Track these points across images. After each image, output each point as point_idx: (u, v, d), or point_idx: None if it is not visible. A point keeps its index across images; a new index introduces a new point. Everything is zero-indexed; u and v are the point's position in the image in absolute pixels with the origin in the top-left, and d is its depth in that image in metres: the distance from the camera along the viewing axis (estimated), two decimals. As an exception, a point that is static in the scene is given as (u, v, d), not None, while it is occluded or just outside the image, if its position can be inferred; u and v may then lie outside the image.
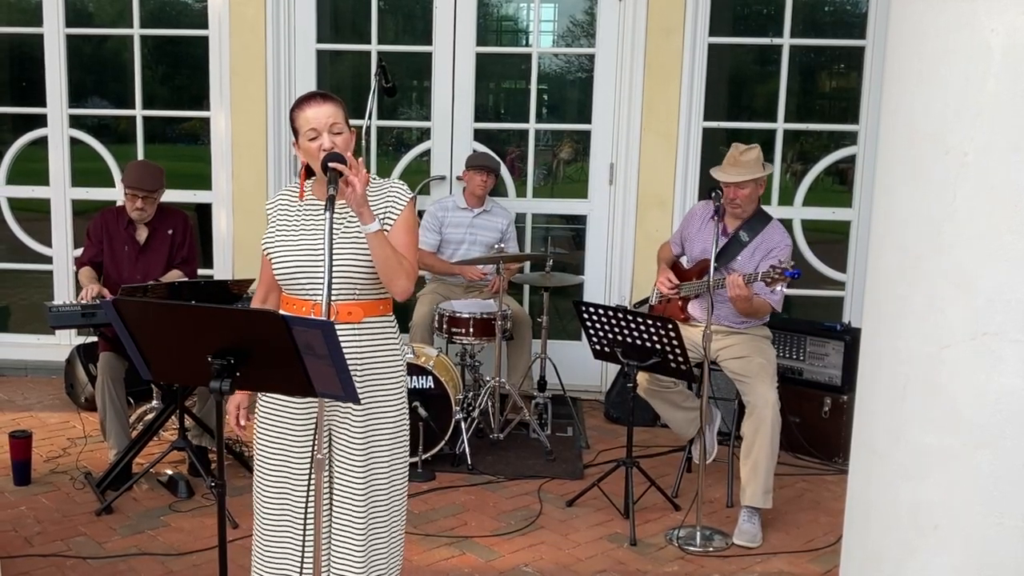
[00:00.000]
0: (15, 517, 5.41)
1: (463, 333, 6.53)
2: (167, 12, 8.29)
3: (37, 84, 7.86)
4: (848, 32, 7.67)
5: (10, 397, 7.53)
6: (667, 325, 5.08)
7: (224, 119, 7.70)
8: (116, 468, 5.70)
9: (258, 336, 3.11)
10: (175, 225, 6.22)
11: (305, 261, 3.60)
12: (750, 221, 5.62)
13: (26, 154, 8.06)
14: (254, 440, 3.79)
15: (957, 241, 2.77)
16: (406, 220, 3.68)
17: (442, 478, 6.06)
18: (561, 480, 6.12)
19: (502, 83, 8.64)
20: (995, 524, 2.80)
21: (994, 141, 2.69)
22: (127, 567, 4.88)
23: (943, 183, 2.78)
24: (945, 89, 2.77)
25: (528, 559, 5.09)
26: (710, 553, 5.23)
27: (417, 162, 7.96)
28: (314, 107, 3.59)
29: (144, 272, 6.05)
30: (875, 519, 3.09)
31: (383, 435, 3.71)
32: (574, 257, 8.10)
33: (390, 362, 3.73)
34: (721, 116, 7.75)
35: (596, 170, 7.75)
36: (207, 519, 5.42)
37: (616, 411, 7.28)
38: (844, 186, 7.79)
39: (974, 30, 2.70)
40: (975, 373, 2.77)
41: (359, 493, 3.67)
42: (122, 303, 3.24)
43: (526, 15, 8.33)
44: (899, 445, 2.96)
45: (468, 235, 7.12)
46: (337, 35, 8.16)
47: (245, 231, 7.71)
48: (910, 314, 2.91)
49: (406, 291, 3.62)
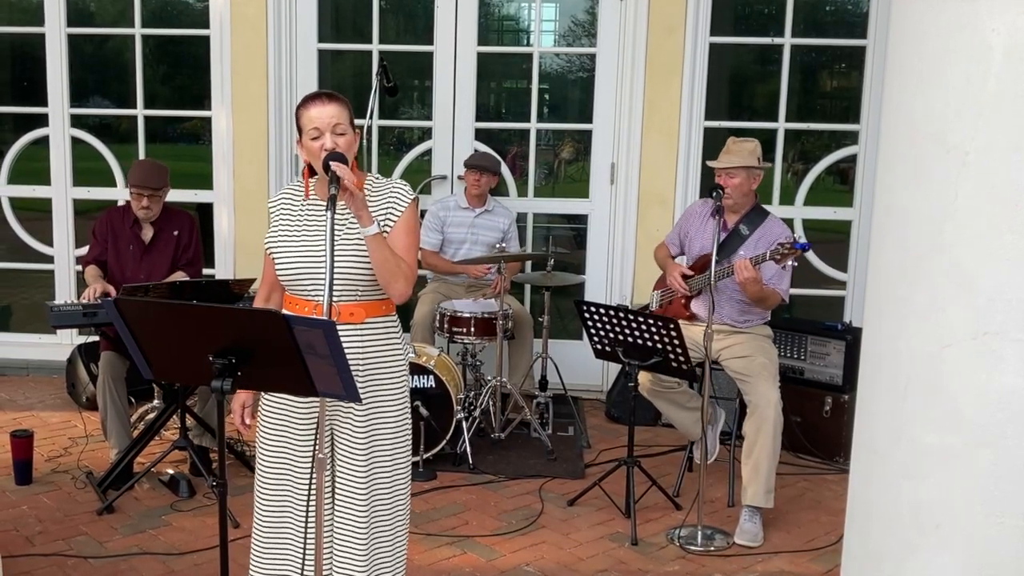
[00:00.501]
0: (16, 516, 5.42)
1: (464, 332, 6.53)
2: (168, 12, 8.31)
3: (38, 84, 7.87)
4: (849, 32, 7.68)
5: (11, 396, 7.53)
6: (668, 325, 5.08)
7: (225, 118, 7.71)
8: (117, 467, 5.70)
9: (259, 335, 3.11)
10: (181, 227, 6.21)
11: (307, 261, 3.60)
12: (749, 215, 5.63)
13: (27, 153, 8.07)
14: (256, 439, 3.79)
15: (958, 240, 2.77)
16: (407, 222, 3.67)
17: (443, 477, 6.07)
18: (562, 479, 6.12)
19: (503, 83, 8.65)
20: (996, 523, 2.80)
21: (995, 141, 2.69)
22: (128, 566, 4.88)
23: (944, 183, 2.78)
24: (946, 89, 2.77)
25: (529, 558, 5.09)
26: (711, 552, 5.23)
27: (418, 162, 7.96)
28: (318, 106, 3.59)
29: (148, 272, 6.04)
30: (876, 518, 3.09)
31: (385, 435, 3.71)
32: (575, 256, 8.10)
33: (393, 362, 3.73)
34: (722, 115, 7.76)
35: (597, 169, 7.75)
36: (208, 518, 5.42)
37: (617, 410, 7.27)
38: (845, 186, 7.79)
39: (975, 30, 2.70)
40: (976, 372, 2.77)
41: (361, 493, 3.67)
42: (123, 302, 3.24)
43: (527, 15, 8.33)
44: (900, 444, 2.96)
45: (470, 235, 7.12)
46: (338, 34, 8.17)
47: (246, 230, 7.71)
48: (911, 313, 2.91)
49: (404, 294, 3.62)
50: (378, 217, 3.59)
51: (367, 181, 3.71)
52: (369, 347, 3.65)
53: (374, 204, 3.63)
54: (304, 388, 3.18)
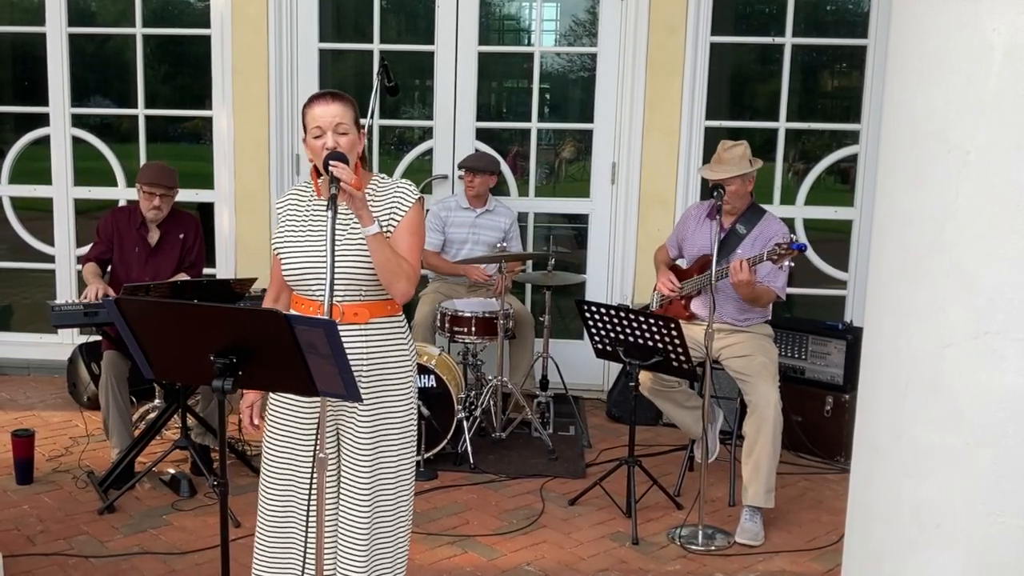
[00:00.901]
0: (17, 516, 5.42)
1: (465, 332, 6.54)
2: (169, 11, 8.30)
3: (39, 83, 7.87)
4: (850, 31, 7.68)
5: (12, 396, 7.54)
6: (669, 324, 5.08)
7: (226, 118, 7.71)
8: (118, 467, 5.71)
9: (260, 335, 3.11)
10: (187, 229, 6.22)
11: (311, 261, 3.60)
12: (745, 214, 5.64)
13: (28, 153, 8.07)
14: (263, 439, 3.79)
15: (959, 240, 2.77)
16: (410, 222, 3.68)
17: (444, 477, 6.07)
18: (563, 479, 6.12)
19: (504, 82, 8.65)
20: (997, 523, 2.80)
21: (996, 140, 2.69)
22: (129, 566, 4.89)
23: (945, 182, 2.78)
24: (947, 88, 2.78)
25: (530, 558, 5.10)
26: (712, 552, 5.23)
27: (419, 161, 7.96)
28: (322, 105, 3.60)
29: (153, 275, 6.04)
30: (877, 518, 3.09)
31: (391, 436, 3.72)
32: (576, 256, 8.10)
33: (398, 362, 3.73)
34: (723, 115, 7.76)
35: (598, 169, 7.76)
36: (209, 518, 5.43)
37: (618, 410, 7.28)
38: (846, 185, 7.79)
39: (976, 29, 2.70)
40: (977, 372, 2.77)
41: (363, 494, 3.68)
42: (124, 302, 3.24)
43: (528, 14, 8.34)
44: (901, 444, 2.96)
45: (471, 235, 7.12)
46: (339, 34, 8.17)
47: (247, 230, 7.72)
48: (912, 313, 2.91)
49: (406, 294, 3.62)
50: (382, 217, 3.59)
51: (372, 181, 3.72)
52: (373, 347, 3.65)
53: (378, 204, 3.64)
54: (305, 388, 3.18)
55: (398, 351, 3.73)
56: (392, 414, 3.71)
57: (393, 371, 3.71)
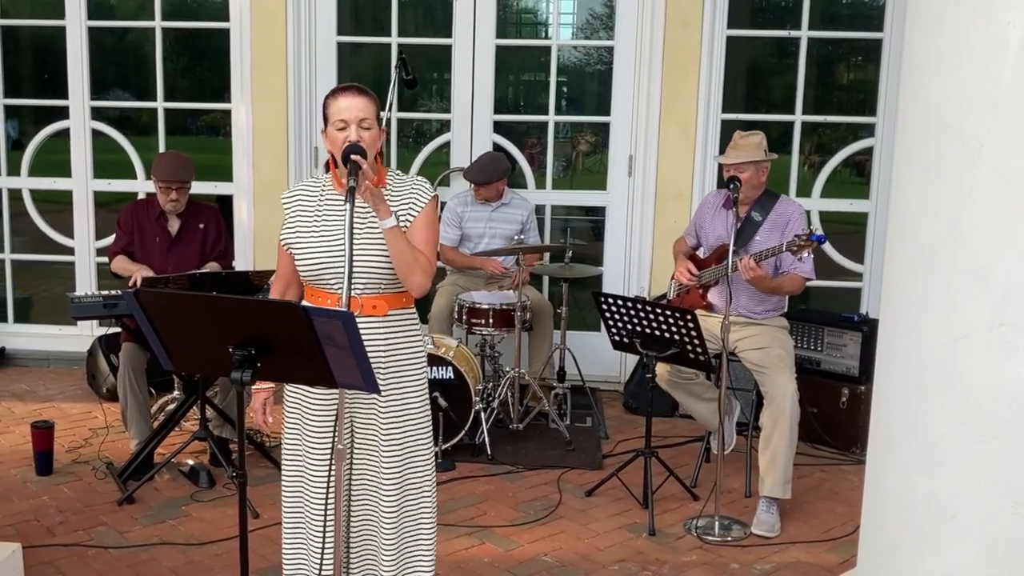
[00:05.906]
0: (37, 507, 5.46)
1: (483, 324, 6.56)
2: (188, 5, 8.35)
3: (59, 76, 7.92)
4: (866, 25, 7.67)
5: (32, 388, 7.58)
6: (686, 316, 5.09)
7: (245, 111, 7.74)
8: (138, 458, 5.74)
9: (279, 327, 3.13)
10: (207, 220, 6.26)
11: (329, 255, 3.62)
12: (760, 201, 5.63)
13: (48, 146, 8.12)
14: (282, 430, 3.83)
15: (973, 233, 2.78)
16: (426, 217, 3.70)
17: (462, 468, 6.09)
18: (580, 470, 6.14)
19: (522, 75, 8.66)
20: (1011, 513, 2.81)
21: (1010, 133, 2.70)
22: (148, 556, 4.92)
23: (959, 175, 2.80)
24: (962, 81, 2.79)
25: (547, 549, 5.11)
26: (728, 543, 5.24)
27: (437, 154, 7.98)
28: (348, 98, 3.60)
29: (176, 263, 6.07)
30: (892, 509, 3.11)
31: (414, 427, 3.75)
32: (593, 248, 8.11)
33: (414, 354, 3.77)
34: (739, 108, 7.74)
35: (615, 162, 7.77)
36: (228, 509, 5.46)
37: (635, 401, 7.29)
38: (862, 178, 7.78)
39: (990, 23, 2.71)
40: (991, 364, 2.79)
41: (392, 485, 3.71)
42: (144, 294, 3.26)
43: (545, 8, 8.34)
44: (916, 435, 2.98)
45: (488, 228, 7.13)
46: (357, 27, 8.19)
47: (266, 222, 7.74)
48: (926, 305, 2.92)
49: (422, 287, 3.64)
50: (399, 211, 3.61)
51: (388, 176, 3.74)
52: (392, 339, 3.68)
53: (396, 199, 3.66)
54: (324, 380, 3.20)
55: (414, 343, 3.77)
56: (412, 405, 3.74)
57: (410, 363, 3.74)
